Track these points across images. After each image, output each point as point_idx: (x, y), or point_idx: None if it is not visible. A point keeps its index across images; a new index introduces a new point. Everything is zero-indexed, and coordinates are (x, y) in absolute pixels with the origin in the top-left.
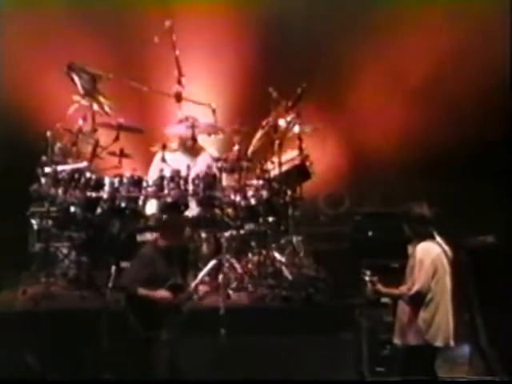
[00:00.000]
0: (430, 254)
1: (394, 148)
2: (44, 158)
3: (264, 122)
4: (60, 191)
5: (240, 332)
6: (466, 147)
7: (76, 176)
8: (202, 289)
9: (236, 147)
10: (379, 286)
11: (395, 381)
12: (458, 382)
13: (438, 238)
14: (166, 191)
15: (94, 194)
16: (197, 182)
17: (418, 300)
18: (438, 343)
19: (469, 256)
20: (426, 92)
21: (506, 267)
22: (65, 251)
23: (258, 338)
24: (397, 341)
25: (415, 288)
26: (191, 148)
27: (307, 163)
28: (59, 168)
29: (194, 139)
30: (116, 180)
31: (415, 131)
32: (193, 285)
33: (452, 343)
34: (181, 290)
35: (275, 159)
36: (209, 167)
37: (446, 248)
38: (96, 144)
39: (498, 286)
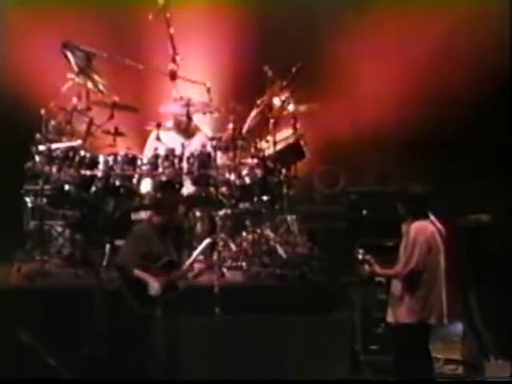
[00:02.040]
0: (423, 233)
1: (389, 127)
2: (38, 136)
3: (259, 101)
4: (54, 169)
5: (234, 310)
6: (460, 126)
7: (70, 154)
8: (197, 266)
9: (231, 126)
10: (376, 267)
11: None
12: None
13: (432, 217)
14: (160, 170)
15: (88, 173)
16: (191, 160)
17: (412, 279)
18: (432, 321)
19: (463, 234)
20: (424, 70)
21: (500, 246)
22: (59, 229)
23: (252, 316)
24: (390, 319)
25: (409, 267)
26: (186, 127)
27: (302, 142)
28: (53, 146)
29: (188, 118)
30: (110, 158)
31: (411, 110)
32: (187, 263)
33: (445, 321)
34: (176, 267)
35: (270, 138)
36: (203, 146)
37: (440, 226)
38: (90, 122)
39: (492, 264)
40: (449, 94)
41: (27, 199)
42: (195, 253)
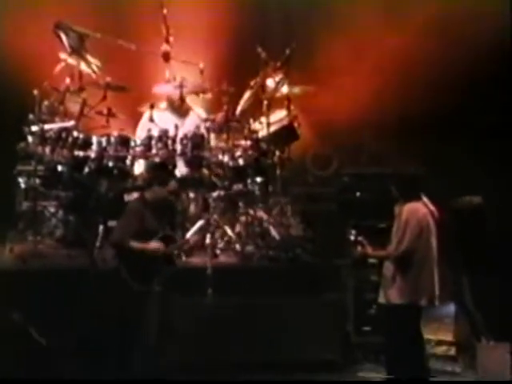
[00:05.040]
0: (416, 215)
1: (382, 108)
2: (31, 117)
3: (252, 83)
4: (47, 150)
5: (227, 291)
6: (453, 108)
7: (63, 135)
8: (192, 241)
9: (224, 107)
10: (368, 249)
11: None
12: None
13: (425, 199)
14: (153, 151)
15: (81, 154)
16: (185, 142)
17: (404, 260)
18: (423, 303)
19: (455, 216)
20: (416, 52)
21: (492, 228)
22: (52, 210)
23: (244, 297)
24: (382, 300)
25: (401, 248)
26: (179, 108)
27: (295, 124)
28: (46, 127)
29: (182, 99)
30: (104, 139)
31: (404, 92)
32: (180, 240)
33: (437, 303)
34: (172, 241)
35: (263, 120)
36: (197, 127)
37: (433, 208)
38: (83, 103)
39: (484, 246)
40: (443, 77)
41: (20, 180)
42: (188, 234)
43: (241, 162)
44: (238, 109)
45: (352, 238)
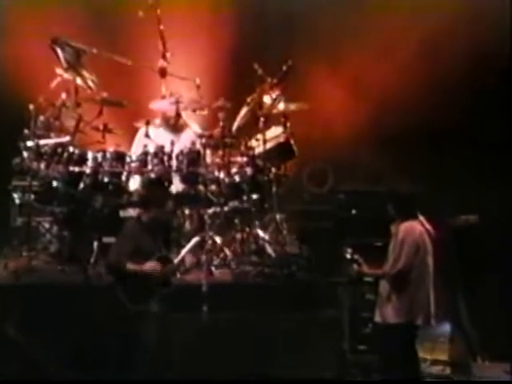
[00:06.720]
0: (412, 234)
1: (379, 127)
2: (26, 132)
3: (249, 99)
4: (42, 165)
5: (222, 309)
6: (452, 127)
7: (59, 150)
8: (188, 262)
9: (220, 124)
10: (364, 267)
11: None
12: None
13: (421, 217)
14: (149, 167)
15: (76, 169)
16: (180, 158)
17: (400, 279)
18: (419, 322)
19: (452, 235)
20: (414, 68)
21: (489, 246)
22: (47, 226)
23: (240, 314)
24: (378, 319)
25: (397, 267)
26: (175, 124)
27: (292, 141)
28: (42, 142)
29: (178, 115)
30: (99, 155)
31: (401, 110)
32: (176, 261)
33: (433, 322)
34: (168, 262)
35: (260, 136)
36: (193, 143)
37: (429, 227)
38: (79, 118)
39: (481, 265)
40: (440, 93)
41: (15, 195)
42: (183, 251)
43: (237, 178)
44: (235, 125)
45: (348, 256)
